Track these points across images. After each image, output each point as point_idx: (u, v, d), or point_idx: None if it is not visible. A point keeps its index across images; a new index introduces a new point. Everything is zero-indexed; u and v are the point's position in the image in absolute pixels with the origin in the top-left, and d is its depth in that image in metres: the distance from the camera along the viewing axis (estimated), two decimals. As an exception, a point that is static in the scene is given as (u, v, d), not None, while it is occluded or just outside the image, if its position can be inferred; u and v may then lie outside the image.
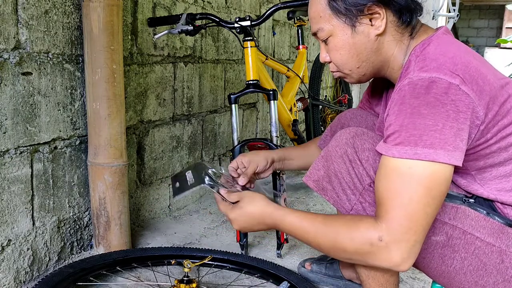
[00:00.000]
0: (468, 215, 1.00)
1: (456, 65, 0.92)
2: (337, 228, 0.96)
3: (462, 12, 10.00)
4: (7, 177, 1.33)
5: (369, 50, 1.04)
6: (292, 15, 2.27)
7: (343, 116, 1.38)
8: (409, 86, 0.92)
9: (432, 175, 0.88)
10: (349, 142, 1.04)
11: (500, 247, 0.98)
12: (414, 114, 0.89)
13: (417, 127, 0.88)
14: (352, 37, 1.03)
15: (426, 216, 0.89)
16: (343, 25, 1.02)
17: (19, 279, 1.40)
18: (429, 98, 0.89)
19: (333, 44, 1.06)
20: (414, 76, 0.93)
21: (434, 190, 0.88)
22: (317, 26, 1.06)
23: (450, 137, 0.88)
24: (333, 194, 1.07)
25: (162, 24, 1.77)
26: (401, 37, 1.04)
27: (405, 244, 0.89)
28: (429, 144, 0.87)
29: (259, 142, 1.85)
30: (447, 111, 0.88)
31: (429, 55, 0.96)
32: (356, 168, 1.03)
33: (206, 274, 1.51)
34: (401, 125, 0.90)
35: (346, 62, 1.07)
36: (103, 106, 1.52)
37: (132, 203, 1.88)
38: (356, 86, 5.05)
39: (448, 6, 5.91)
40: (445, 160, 0.87)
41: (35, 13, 1.37)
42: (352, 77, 1.11)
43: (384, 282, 1.12)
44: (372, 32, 1.02)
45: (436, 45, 0.99)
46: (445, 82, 0.90)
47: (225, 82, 2.51)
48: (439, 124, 0.88)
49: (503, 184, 0.99)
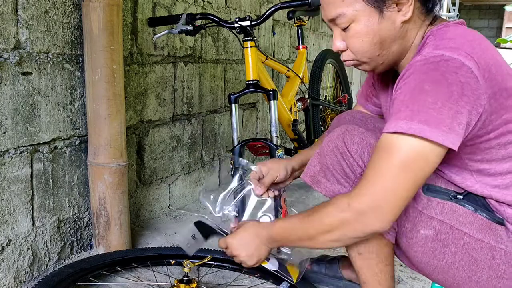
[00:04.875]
0: (455, 211, 1.01)
1: (474, 48, 0.90)
2: (315, 212, 1.02)
3: (462, 12, 10.01)
4: (7, 177, 1.33)
5: (393, 38, 0.99)
6: (292, 15, 2.27)
7: (341, 118, 1.38)
8: (420, 62, 0.90)
9: (412, 149, 0.87)
10: (339, 137, 1.07)
11: (490, 243, 0.99)
12: (417, 89, 0.88)
13: (416, 102, 0.87)
14: (378, 23, 0.96)
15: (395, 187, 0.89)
16: (370, 9, 0.95)
17: (19, 279, 1.40)
18: (436, 75, 0.87)
19: (355, 31, 0.99)
20: (427, 52, 0.92)
21: (410, 163, 0.88)
22: (338, 11, 0.98)
23: (447, 118, 0.86)
24: (327, 185, 1.10)
25: (162, 24, 1.77)
26: (422, 24, 1.01)
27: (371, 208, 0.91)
28: (423, 120, 0.86)
29: (259, 142, 1.85)
30: (451, 91, 0.86)
31: (447, 35, 0.94)
32: (346, 159, 1.05)
33: (206, 274, 1.51)
34: (402, 100, 0.90)
35: (368, 50, 1.00)
36: (103, 106, 1.52)
37: (132, 203, 1.88)
38: (356, 86, 5.05)
39: (448, 6, 5.91)
40: (437, 140, 0.86)
41: (35, 13, 1.37)
42: (369, 65, 1.05)
43: (378, 271, 1.13)
44: (399, 19, 0.97)
45: (455, 28, 0.97)
46: (458, 61, 0.88)
47: (225, 82, 2.51)
48: (438, 103, 0.86)
49: (498, 182, 1.00)
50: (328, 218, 0.99)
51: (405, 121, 0.87)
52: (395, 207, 0.91)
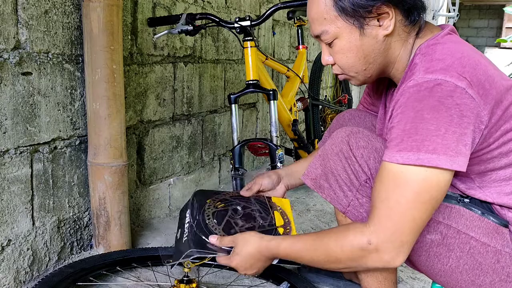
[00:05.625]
0: (463, 214, 1.00)
1: (464, 67, 0.90)
2: (327, 241, 0.98)
3: (462, 12, 10.01)
4: (7, 177, 1.33)
5: (377, 52, 1.00)
6: (292, 15, 2.27)
7: (341, 117, 1.38)
8: (414, 89, 0.90)
9: (424, 180, 0.88)
10: (344, 140, 1.05)
11: (496, 247, 0.98)
12: (417, 119, 0.88)
13: (419, 132, 0.87)
14: (360, 39, 0.98)
15: (413, 219, 0.89)
16: (351, 27, 0.98)
17: (19, 279, 1.40)
18: (433, 102, 0.88)
19: (338, 47, 1.01)
20: (419, 77, 0.91)
21: (424, 194, 0.88)
22: (321, 28, 1.01)
23: (452, 143, 0.87)
24: (330, 192, 1.08)
25: (162, 24, 1.77)
26: (407, 36, 1.02)
27: (392, 244, 0.90)
28: (431, 149, 0.86)
29: (259, 142, 1.85)
30: (451, 115, 0.87)
31: (436, 55, 0.94)
32: (352, 165, 1.03)
33: (206, 274, 1.51)
34: (403, 130, 0.89)
35: (353, 65, 1.03)
36: (103, 106, 1.52)
37: (132, 203, 1.88)
38: (355, 86, 5.05)
39: (448, 6, 5.91)
40: (447, 166, 0.87)
41: (35, 13, 1.37)
42: (357, 79, 1.07)
43: (383, 279, 1.13)
44: (381, 33, 0.98)
45: (443, 44, 0.97)
46: (451, 84, 0.88)
47: (225, 82, 2.51)
48: (442, 129, 0.86)
49: (502, 188, 0.99)
50: (342, 252, 0.96)
51: (412, 152, 0.87)
52: (414, 239, 0.92)
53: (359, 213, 1.06)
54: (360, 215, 1.06)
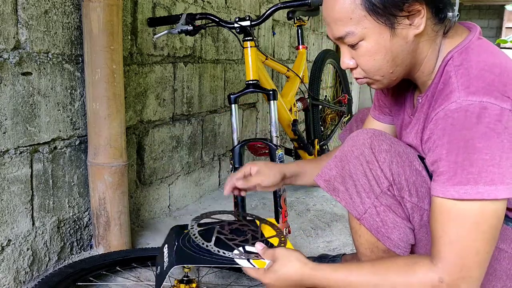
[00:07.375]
0: None
1: (505, 85, 0.86)
2: (391, 277, 0.90)
3: (462, 12, 10.01)
4: (7, 177, 1.33)
5: (406, 53, 0.94)
6: (292, 15, 2.26)
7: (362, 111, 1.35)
8: (459, 114, 0.85)
9: (482, 212, 0.84)
10: (366, 143, 0.99)
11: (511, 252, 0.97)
12: (469, 149, 0.83)
13: (474, 164, 0.82)
14: (390, 40, 0.91)
15: (476, 251, 0.85)
16: (380, 26, 0.90)
17: (19, 279, 1.40)
18: (483, 129, 0.83)
19: (365, 49, 0.93)
20: (461, 99, 0.85)
21: (482, 224, 0.84)
22: (345, 30, 0.92)
23: (507, 170, 0.83)
24: (346, 195, 1.02)
25: (162, 24, 1.77)
26: (435, 36, 0.96)
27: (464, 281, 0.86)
28: (489, 181, 0.82)
29: (259, 142, 1.85)
30: (502, 141, 0.83)
31: (473, 70, 0.89)
32: (373, 169, 0.98)
33: (206, 274, 1.51)
34: (455, 162, 0.84)
35: (380, 68, 0.95)
36: (103, 106, 1.52)
37: (132, 203, 1.88)
38: (356, 86, 5.05)
39: (448, 6, 5.91)
40: (505, 196, 0.83)
41: (35, 13, 1.37)
42: (381, 83, 0.99)
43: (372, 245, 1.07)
44: (411, 33, 0.92)
45: (478, 55, 0.91)
46: (496, 108, 0.83)
47: (225, 82, 2.51)
48: (496, 158, 0.82)
49: None
50: None
51: (470, 185, 0.83)
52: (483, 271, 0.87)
53: (375, 222, 1.01)
54: (375, 224, 1.01)
